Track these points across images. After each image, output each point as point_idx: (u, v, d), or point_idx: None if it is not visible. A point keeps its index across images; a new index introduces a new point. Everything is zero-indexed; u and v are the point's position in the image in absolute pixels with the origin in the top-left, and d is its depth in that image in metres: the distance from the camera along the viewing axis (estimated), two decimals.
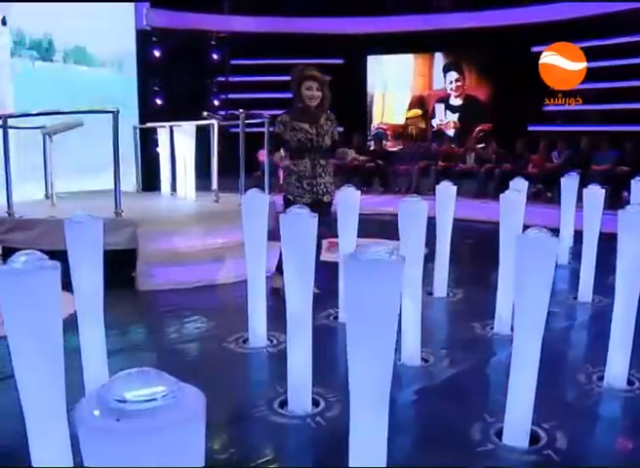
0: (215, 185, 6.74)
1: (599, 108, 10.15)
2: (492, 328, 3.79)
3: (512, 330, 3.69)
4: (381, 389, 1.77)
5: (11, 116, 5.74)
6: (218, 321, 4.04)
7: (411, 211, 3.18)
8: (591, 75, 9.10)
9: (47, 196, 6.99)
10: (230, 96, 12.56)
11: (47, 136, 6.85)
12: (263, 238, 3.56)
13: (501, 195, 3.68)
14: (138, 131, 8.37)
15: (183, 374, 0.95)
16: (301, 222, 2.62)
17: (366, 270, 1.66)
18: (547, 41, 9.38)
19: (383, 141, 12.32)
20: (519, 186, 5.04)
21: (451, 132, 12.42)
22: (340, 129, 12.56)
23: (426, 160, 10.87)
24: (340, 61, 12.61)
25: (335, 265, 4.06)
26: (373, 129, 13.06)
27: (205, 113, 6.62)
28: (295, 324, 2.68)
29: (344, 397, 2.67)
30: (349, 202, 3.94)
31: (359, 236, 3.96)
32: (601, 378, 2.97)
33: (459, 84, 12.21)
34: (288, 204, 4.34)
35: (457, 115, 12.35)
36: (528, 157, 9.87)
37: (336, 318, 4.10)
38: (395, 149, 12.18)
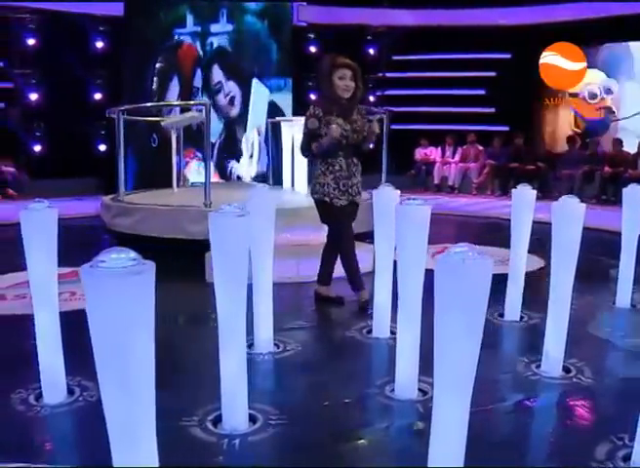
0: None
1: None
2: (538, 366, 3.08)
3: (565, 371, 3.02)
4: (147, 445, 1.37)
5: (124, 110, 6.02)
6: None
7: (410, 216, 2.65)
8: None
9: (178, 185, 7.40)
10: (387, 92, 12.27)
11: (171, 129, 7.18)
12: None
13: (554, 203, 2.96)
14: (270, 125, 8.45)
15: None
16: (228, 223, 2.25)
17: (102, 284, 1.29)
18: None
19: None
20: (635, 193, 4.12)
21: None
22: (505, 128, 11.77)
23: (590, 164, 9.60)
24: (507, 56, 11.68)
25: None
26: None
27: None
28: (226, 343, 2.34)
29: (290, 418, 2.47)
30: (387, 202, 3.45)
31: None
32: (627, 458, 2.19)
33: None
34: (324, 206, 3.95)
35: None
36: None
37: (369, 332, 3.64)
38: (560, 151, 10.95)
